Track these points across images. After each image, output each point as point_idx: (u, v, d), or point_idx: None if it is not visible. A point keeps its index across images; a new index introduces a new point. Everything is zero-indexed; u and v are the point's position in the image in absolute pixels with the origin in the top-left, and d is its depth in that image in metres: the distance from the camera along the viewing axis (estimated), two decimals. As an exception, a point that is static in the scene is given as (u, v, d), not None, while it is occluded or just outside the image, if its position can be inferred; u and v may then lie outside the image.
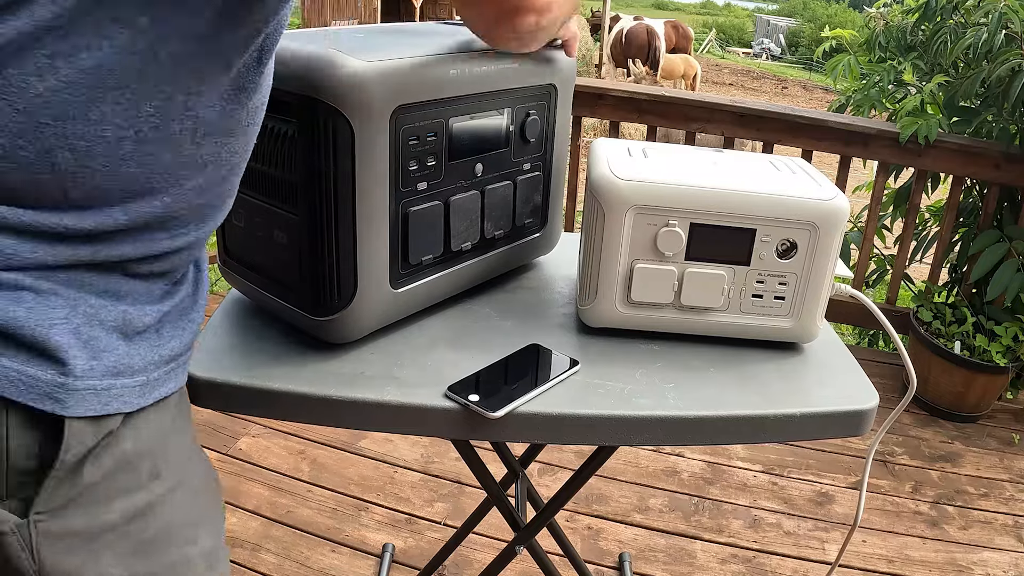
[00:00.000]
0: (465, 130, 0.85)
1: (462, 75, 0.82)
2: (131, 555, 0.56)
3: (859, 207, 3.12)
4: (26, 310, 0.49)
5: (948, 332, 2.51)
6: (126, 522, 0.56)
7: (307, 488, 1.94)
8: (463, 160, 0.87)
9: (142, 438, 0.56)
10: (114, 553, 0.55)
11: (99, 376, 0.52)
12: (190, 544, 0.62)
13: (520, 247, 1.01)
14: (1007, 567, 1.85)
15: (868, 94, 2.77)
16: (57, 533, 0.52)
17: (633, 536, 1.86)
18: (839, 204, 0.85)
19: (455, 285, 0.94)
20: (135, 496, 0.56)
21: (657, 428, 0.79)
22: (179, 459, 0.62)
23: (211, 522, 0.66)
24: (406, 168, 0.80)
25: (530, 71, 0.91)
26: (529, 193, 0.98)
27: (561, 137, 1.01)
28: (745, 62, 20.78)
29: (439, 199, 0.85)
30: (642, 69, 9.10)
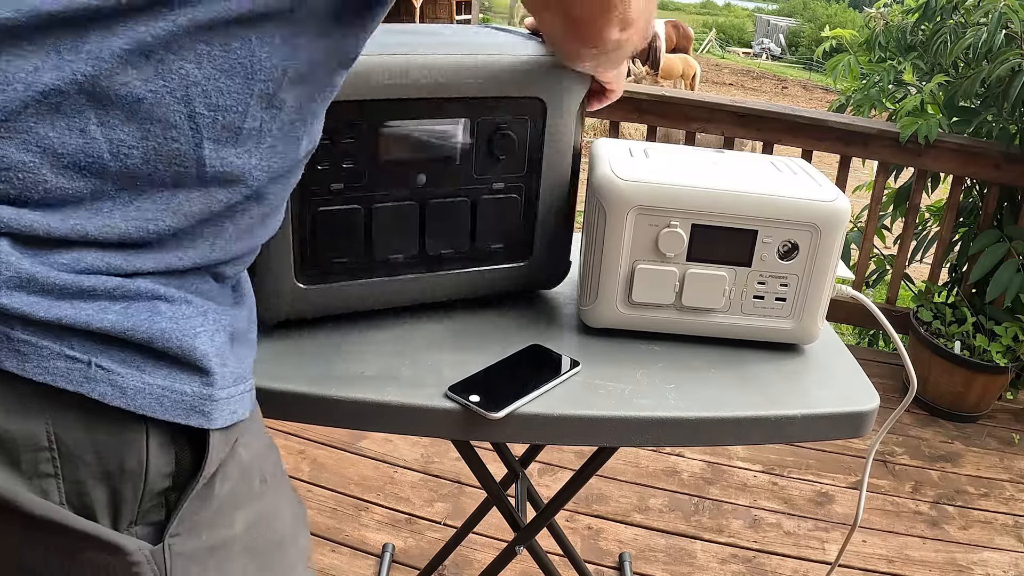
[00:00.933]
0: (401, 136, 0.81)
1: (407, 78, 0.78)
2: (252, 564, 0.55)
3: (859, 207, 3.12)
4: (168, 320, 0.46)
5: (948, 332, 2.51)
6: (246, 531, 0.54)
7: (307, 488, 1.94)
8: (400, 168, 0.82)
9: (252, 446, 0.55)
10: (239, 564, 0.54)
11: (230, 384, 0.50)
12: (293, 544, 0.61)
13: (490, 274, 0.93)
14: (1007, 567, 1.85)
15: (868, 94, 2.77)
16: (190, 553, 0.49)
17: (633, 536, 1.86)
18: (840, 205, 0.85)
19: (388, 296, 0.89)
20: (253, 505, 0.55)
21: (658, 429, 0.79)
22: (274, 462, 0.61)
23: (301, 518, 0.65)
24: (313, 166, 0.76)
25: (505, 82, 0.83)
26: (497, 215, 0.90)
27: (558, 159, 0.90)
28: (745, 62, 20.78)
29: (359, 203, 0.82)
30: (642, 69, 9.09)
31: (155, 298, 0.46)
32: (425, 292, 0.91)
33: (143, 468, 0.46)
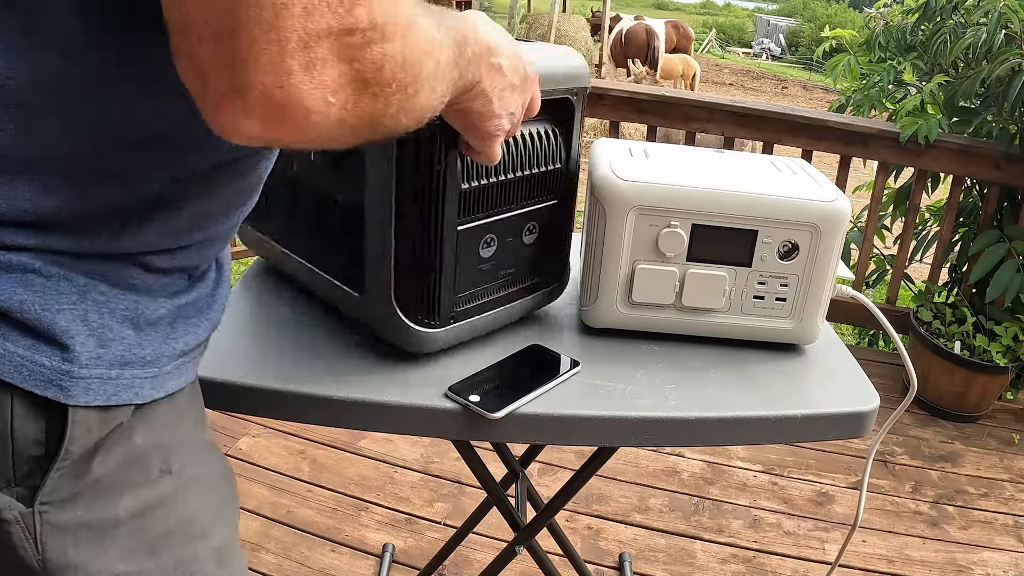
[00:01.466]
0: None
1: None
2: (139, 551, 0.56)
3: (859, 207, 3.12)
4: (32, 292, 0.47)
5: (948, 332, 2.51)
6: (135, 517, 0.55)
7: (307, 488, 1.94)
8: None
9: (153, 432, 0.56)
10: (121, 548, 0.54)
11: (107, 365, 0.51)
12: (201, 540, 0.61)
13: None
14: (1007, 567, 1.85)
15: (868, 94, 2.77)
16: (63, 525, 0.51)
17: (633, 536, 1.86)
18: (840, 206, 0.85)
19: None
20: (145, 491, 0.55)
21: (658, 428, 0.79)
22: (191, 454, 0.61)
23: (224, 518, 0.65)
24: None
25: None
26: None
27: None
28: (745, 62, 20.78)
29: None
30: (642, 69, 9.09)
31: (28, 271, 0.47)
32: None
33: (8, 430, 0.47)
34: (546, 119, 0.83)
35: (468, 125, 0.65)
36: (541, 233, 0.87)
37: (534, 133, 0.82)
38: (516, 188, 0.82)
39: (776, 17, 26.78)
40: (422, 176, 0.73)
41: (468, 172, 0.76)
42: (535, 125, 0.82)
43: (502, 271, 0.85)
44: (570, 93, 0.83)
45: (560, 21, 11.86)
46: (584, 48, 12.22)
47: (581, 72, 0.84)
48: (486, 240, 0.82)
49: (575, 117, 0.85)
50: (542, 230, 0.87)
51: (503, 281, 0.86)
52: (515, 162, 0.81)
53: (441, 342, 0.82)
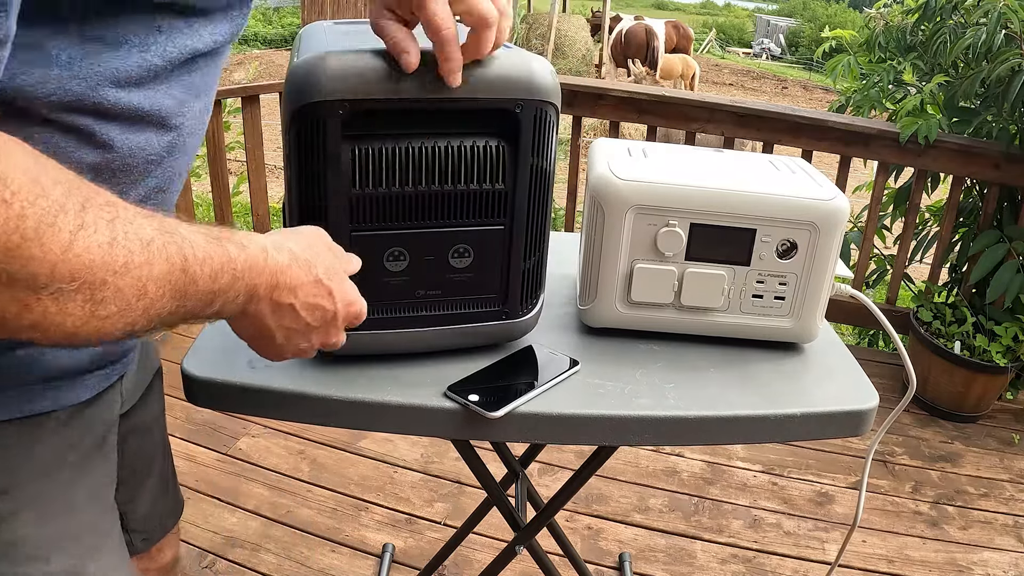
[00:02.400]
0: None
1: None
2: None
3: (859, 207, 3.12)
4: None
5: (948, 332, 2.51)
6: None
7: (307, 488, 1.94)
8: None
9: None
10: None
11: None
12: (36, 563, 0.61)
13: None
14: (1007, 567, 1.85)
15: (868, 94, 2.77)
16: None
17: (633, 536, 1.86)
18: (839, 204, 0.85)
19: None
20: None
21: (657, 428, 0.79)
22: (37, 479, 0.61)
23: (72, 546, 0.64)
24: None
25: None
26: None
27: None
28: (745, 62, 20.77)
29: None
30: (642, 69, 9.09)
31: None
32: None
33: None
34: (489, 133, 0.74)
35: (249, 338, 0.63)
36: (477, 258, 0.79)
37: (466, 147, 0.74)
38: (435, 203, 0.75)
39: (776, 17, 26.77)
40: (306, 177, 0.71)
41: (362, 177, 0.72)
42: (472, 138, 0.74)
43: (420, 290, 0.79)
44: (511, 105, 0.72)
45: (560, 21, 11.86)
46: (584, 48, 12.22)
47: (532, 83, 0.73)
48: (392, 253, 0.76)
49: (525, 133, 0.74)
50: (478, 254, 0.79)
51: (423, 302, 0.80)
52: (432, 175, 0.73)
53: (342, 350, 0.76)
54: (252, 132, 2.84)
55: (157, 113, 0.58)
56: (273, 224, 3.06)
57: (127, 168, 0.58)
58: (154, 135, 0.59)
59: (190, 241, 0.50)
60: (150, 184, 0.62)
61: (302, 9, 11.88)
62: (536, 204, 0.79)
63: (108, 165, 0.56)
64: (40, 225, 0.41)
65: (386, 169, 0.72)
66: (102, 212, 0.45)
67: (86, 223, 0.43)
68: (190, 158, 0.67)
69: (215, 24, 0.60)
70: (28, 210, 0.40)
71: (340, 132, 0.69)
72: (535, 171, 0.77)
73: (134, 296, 0.47)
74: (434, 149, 0.73)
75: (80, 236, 0.43)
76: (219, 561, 1.70)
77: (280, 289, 0.58)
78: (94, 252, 0.44)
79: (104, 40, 0.52)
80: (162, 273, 0.48)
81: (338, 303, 0.63)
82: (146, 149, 0.59)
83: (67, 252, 0.42)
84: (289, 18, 16.25)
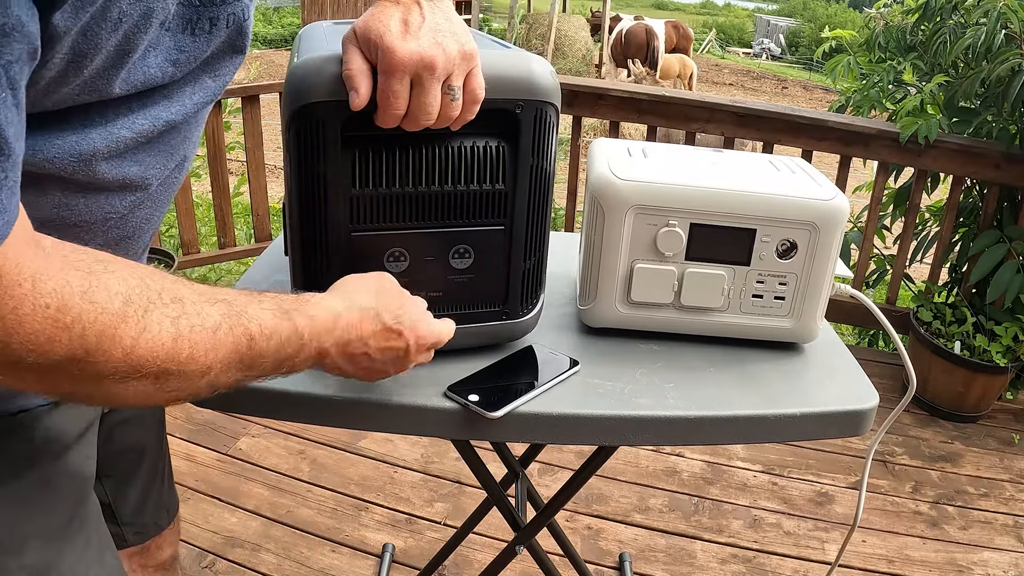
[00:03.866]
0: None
1: None
2: None
3: (859, 207, 3.12)
4: None
5: (948, 332, 2.51)
6: None
7: (307, 488, 1.94)
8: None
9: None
10: None
11: None
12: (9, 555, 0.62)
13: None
14: (1007, 567, 1.85)
15: (868, 94, 2.77)
16: None
17: (633, 536, 1.86)
18: (839, 204, 0.85)
19: None
20: None
21: (657, 428, 0.79)
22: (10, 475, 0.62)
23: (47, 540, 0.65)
24: None
25: None
26: None
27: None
28: (745, 62, 20.77)
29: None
30: (642, 69, 9.09)
31: None
32: None
33: None
34: (490, 133, 0.74)
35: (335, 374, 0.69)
36: (477, 258, 0.79)
37: (466, 147, 0.74)
38: (435, 204, 0.75)
39: (776, 17, 26.76)
40: (306, 178, 0.71)
41: (362, 178, 0.72)
42: (472, 139, 0.74)
43: (421, 291, 0.77)
44: (511, 105, 0.72)
45: (560, 21, 11.86)
46: (584, 48, 12.22)
47: (532, 83, 0.73)
48: (392, 253, 0.76)
49: (525, 133, 0.74)
50: (478, 255, 0.79)
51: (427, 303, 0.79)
52: (432, 176, 0.74)
53: None
54: (252, 132, 2.84)
55: (121, 180, 0.59)
56: (273, 224, 3.06)
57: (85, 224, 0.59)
58: (116, 197, 0.60)
59: (257, 320, 0.56)
60: (112, 236, 0.62)
61: (302, 9, 11.88)
62: (536, 204, 0.79)
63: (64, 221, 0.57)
64: (101, 339, 0.46)
65: (386, 169, 0.72)
66: (167, 311, 0.50)
67: (149, 326, 0.49)
68: (162, 208, 0.68)
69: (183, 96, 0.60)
70: (88, 329, 0.46)
71: (339, 133, 0.69)
72: (535, 171, 0.77)
73: (198, 376, 0.52)
74: (434, 150, 0.73)
75: (143, 339, 0.48)
76: (219, 561, 1.70)
77: (352, 344, 0.64)
78: (157, 350, 0.49)
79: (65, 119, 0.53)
80: (227, 354, 0.53)
81: (409, 340, 0.68)
82: (105, 208, 0.60)
83: (130, 355, 0.48)
84: (289, 18, 16.25)
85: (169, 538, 1.01)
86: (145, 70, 0.54)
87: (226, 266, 3.39)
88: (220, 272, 3.36)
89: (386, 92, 0.63)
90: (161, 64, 0.55)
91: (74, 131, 0.54)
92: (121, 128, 0.56)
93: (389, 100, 0.64)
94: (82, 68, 0.49)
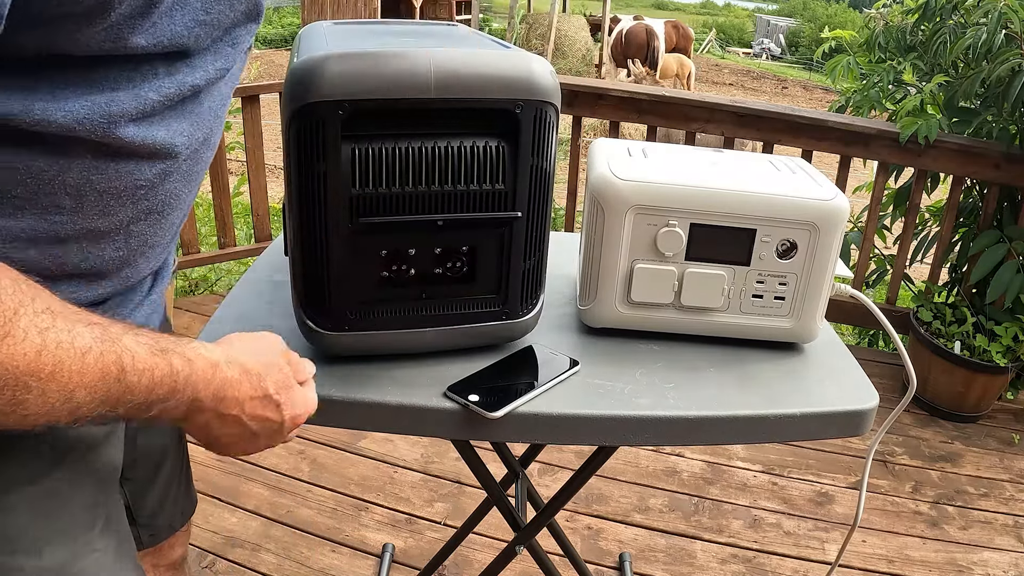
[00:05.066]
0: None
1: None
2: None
3: (859, 207, 3.12)
4: None
5: (948, 332, 2.51)
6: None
7: (307, 488, 1.94)
8: None
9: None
10: None
11: None
12: (27, 556, 0.61)
13: None
14: (1007, 567, 1.85)
15: (868, 94, 2.77)
16: None
17: (633, 536, 1.86)
18: (839, 204, 0.85)
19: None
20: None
21: (657, 428, 0.79)
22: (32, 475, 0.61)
23: (66, 541, 0.64)
24: None
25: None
26: None
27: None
28: (745, 62, 20.77)
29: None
30: (642, 69, 9.10)
31: None
32: None
33: None
34: (490, 133, 0.74)
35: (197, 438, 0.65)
36: (477, 259, 0.79)
37: (466, 147, 0.74)
38: (435, 203, 0.75)
39: (776, 17, 26.75)
40: (306, 177, 0.71)
41: (362, 177, 0.72)
42: (472, 138, 0.74)
43: (420, 290, 0.78)
44: (511, 105, 0.72)
45: (560, 21, 11.86)
46: (584, 48, 12.22)
47: (532, 83, 0.72)
48: (392, 253, 0.76)
49: (525, 133, 0.74)
50: (478, 255, 0.79)
51: (424, 302, 0.80)
52: (432, 176, 0.73)
53: (342, 348, 0.79)
54: (252, 132, 2.84)
55: (149, 145, 0.59)
56: (273, 224, 3.06)
57: (113, 191, 0.59)
58: (145, 165, 0.60)
59: (131, 351, 0.52)
60: (141, 207, 0.62)
61: (302, 9, 11.89)
62: (536, 204, 0.79)
63: (93, 187, 0.57)
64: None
65: (386, 169, 0.72)
66: (35, 320, 0.46)
67: (13, 332, 0.45)
68: (191, 186, 0.68)
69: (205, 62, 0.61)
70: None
71: (340, 132, 0.69)
72: (535, 171, 0.77)
73: (59, 400, 0.48)
74: (434, 149, 0.73)
75: (5, 344, 0.45)
76: (219, 561, 1.70)
77: (227, 402, 0.60)
78: (19, 359, 0.45)
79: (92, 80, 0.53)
80: (94, 381, 0.49)
81: (285, 415, 0.66)
82: (135, 175, 0.60)
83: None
84: (289, 18, 16.25)
85: (181, 538, 1.01)
86: (172, 27, 0.54)
87: (226, 266, 3.39)
88: (220, 272, 3.36)
89: None
90: (188, 23, 0.56)
91: (101, 92, 0.54)
92: (148, 90, 0.56)
93: None
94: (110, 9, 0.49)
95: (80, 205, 0.58)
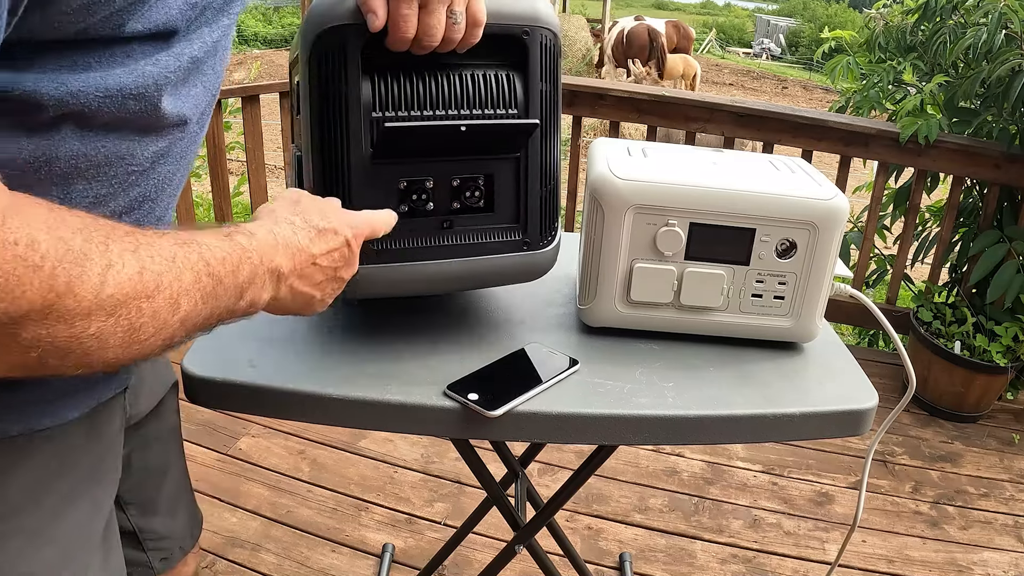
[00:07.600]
0: None
1: None
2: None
3: (859, 207, 3.12)
4: None
5: (948, 332, 2.51)
6: None
7: (307, 488, 1.94)
8: None
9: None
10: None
11: None
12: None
13: None
14: (1007, 567, 1.85)
15: (868, 94, 2.77)
16: None
17: (633, 536, 1.86)
18: (838, 204, 0.85)
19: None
20: None
21: (657, 427, 0.79)
22: (22, 504, 0.60)
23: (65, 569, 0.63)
24: None
25: None
26: None
27: None
28: (745, 62, 20.77)
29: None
30: (642, 69, 9.10)
31: None
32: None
33: None
34: (501, 64, 0.78)
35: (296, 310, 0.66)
36: (495, 186, 0.82)
37: (479, 75, 0.77)
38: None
39: (776, 17, 26.75)
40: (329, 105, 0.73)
41: (382, 102, 0.74)
42: (483, 68, 0.77)
43: (441, 220, 0.80)
44: (519, 31, 0.77)
45: (560, 21, 11.85)
46: (584, 48, 12.22)
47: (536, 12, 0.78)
48: (412, 181, 0.78)
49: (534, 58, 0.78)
50: (496, 182, 0.81)
51: (445, 232, 0.81)
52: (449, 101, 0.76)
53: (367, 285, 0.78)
54: (252, 132, 2.84)
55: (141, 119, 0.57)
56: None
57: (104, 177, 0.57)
58: (138, 145, 0.58)
59: (207, 244, 0.52)
60: (133, 194, 0.60)
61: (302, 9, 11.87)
62: (548, 129, 0.82)
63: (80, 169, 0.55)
64: (71, 279, 0.42)
65: (405, 95, 0.75)
66: (125, 244, 0.46)
67: (112, 261, 0.45)
68: (182, 170, 0.66)
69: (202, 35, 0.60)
70: (58, 268, 0.41)
71: (360, 55, 0.71)
72: (545, 96, 0.80)
73: (169, 312, 0.48)
74: (449, 76, 0.76)
75: (110, 275, 0.44)
76: (219, 561, 1.70)
77: (297, 256, 0.61)
78: (125, 286, 0.45)
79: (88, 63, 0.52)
80: (191, 283, 0.50)
81: (347, 233, 0.67)
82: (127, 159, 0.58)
83: (99, 294, 0.44)
84: (289, 18, 16.25)
85: (191, 557, 0.99)
86: (166, 11, 0.54)
87: (226, 266, 3.39)
88: (220, 272, 3.36)
89: (396, 16, 0.67)
90: (181, 6, 0.55)
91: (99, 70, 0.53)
92: (146, 64, 0.55)
93: (399, 23, 0.67)
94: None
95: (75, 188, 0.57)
